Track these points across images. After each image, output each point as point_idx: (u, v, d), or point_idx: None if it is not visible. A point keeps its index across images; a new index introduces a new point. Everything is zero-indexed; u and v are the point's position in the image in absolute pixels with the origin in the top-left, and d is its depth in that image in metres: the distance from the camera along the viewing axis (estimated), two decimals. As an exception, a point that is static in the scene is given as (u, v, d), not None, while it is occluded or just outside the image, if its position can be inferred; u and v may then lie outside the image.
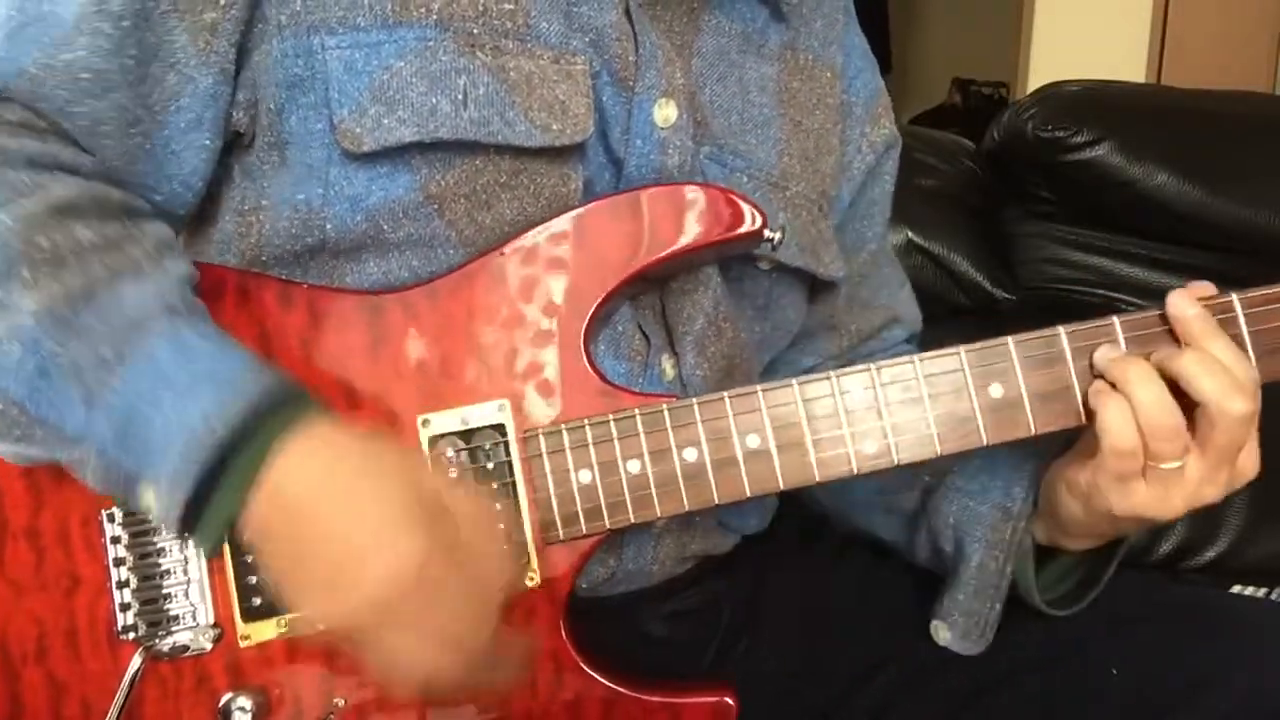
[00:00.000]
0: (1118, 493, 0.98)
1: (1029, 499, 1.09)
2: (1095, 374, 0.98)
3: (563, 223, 1.01)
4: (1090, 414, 0.97)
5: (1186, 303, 0.97)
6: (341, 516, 0.84)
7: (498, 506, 0.97)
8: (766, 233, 1.03)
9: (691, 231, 1.01)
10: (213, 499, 0.84)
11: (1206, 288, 0.99)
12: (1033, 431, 0.99)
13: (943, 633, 1.14)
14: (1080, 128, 1.96)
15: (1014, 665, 1.11)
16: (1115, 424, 0.95)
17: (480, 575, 0.87)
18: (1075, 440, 1.04)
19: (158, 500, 0.86)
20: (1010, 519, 1.10)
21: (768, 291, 1.16)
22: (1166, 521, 0.99)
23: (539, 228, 1.01)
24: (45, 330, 0.87)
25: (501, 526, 0.93)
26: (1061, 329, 0.98)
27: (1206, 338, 0.96)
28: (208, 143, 1.00)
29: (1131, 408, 0.95)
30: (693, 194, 1.02)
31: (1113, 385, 0.97)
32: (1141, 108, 2.10)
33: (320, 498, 0.84)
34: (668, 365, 1.08)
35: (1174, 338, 0.98)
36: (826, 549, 1.31)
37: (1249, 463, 0.98)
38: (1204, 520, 1.87)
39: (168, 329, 0.88)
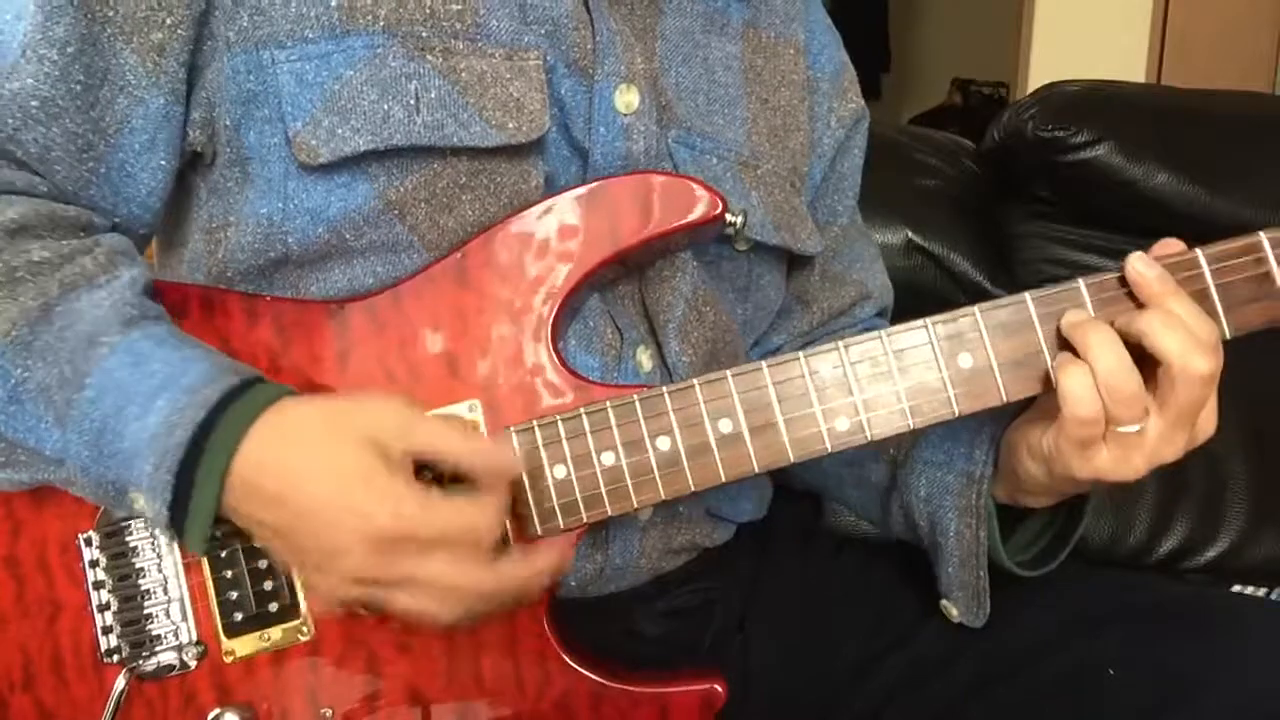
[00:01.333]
0: (1079, 457, 0.97)
1: (989, 461, 1.09)
2: (1061, 340, 0.98)
3: (522, 220, 1.01)
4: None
5: (1145, 264, 0.96)
6: (309, 493, 0.86)
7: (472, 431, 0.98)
8: (728, 217, 1.03)
9: (652, 221, 1.01)
10: (191, 500, 0.86)
11: (1172, 244, 0.98)
12: (1004, 400, 0.98)
13: (953, 610, 1.13)
14: (1080, 128, 1.96)
15: (1012, 663, 1.10)
16: (1076, 391, 0.94)
17: (470, 500, 0.89)
18: (1033, 401, 1.03)
19: (147, 507, 0.88)
20: (974, 483, 1.09)
21: (747, 272, 1.16)
22: (1129, 480, 0.98)
23: (498, 226, 1.01)
24: (8, 356, 0.88)
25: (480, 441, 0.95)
26: (1027, 295, 0.98)
27: (1167, 297, 0.95)
28: (163, 163, 1.01)
29: (1093, 374, 0.94)
30: (651, 183, 1.02)
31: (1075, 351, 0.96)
32: (1141, 108, 2.09)
33: (286, 477, 0.86)
34: (643, 357, 1.08)
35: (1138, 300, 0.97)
36: (823, 545, 1.31)
37: (1208, 422, 0.97)
38: (1204, 520, 1.87)
39: (122, 342, 0.89)
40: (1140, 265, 0.96)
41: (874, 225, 1.75)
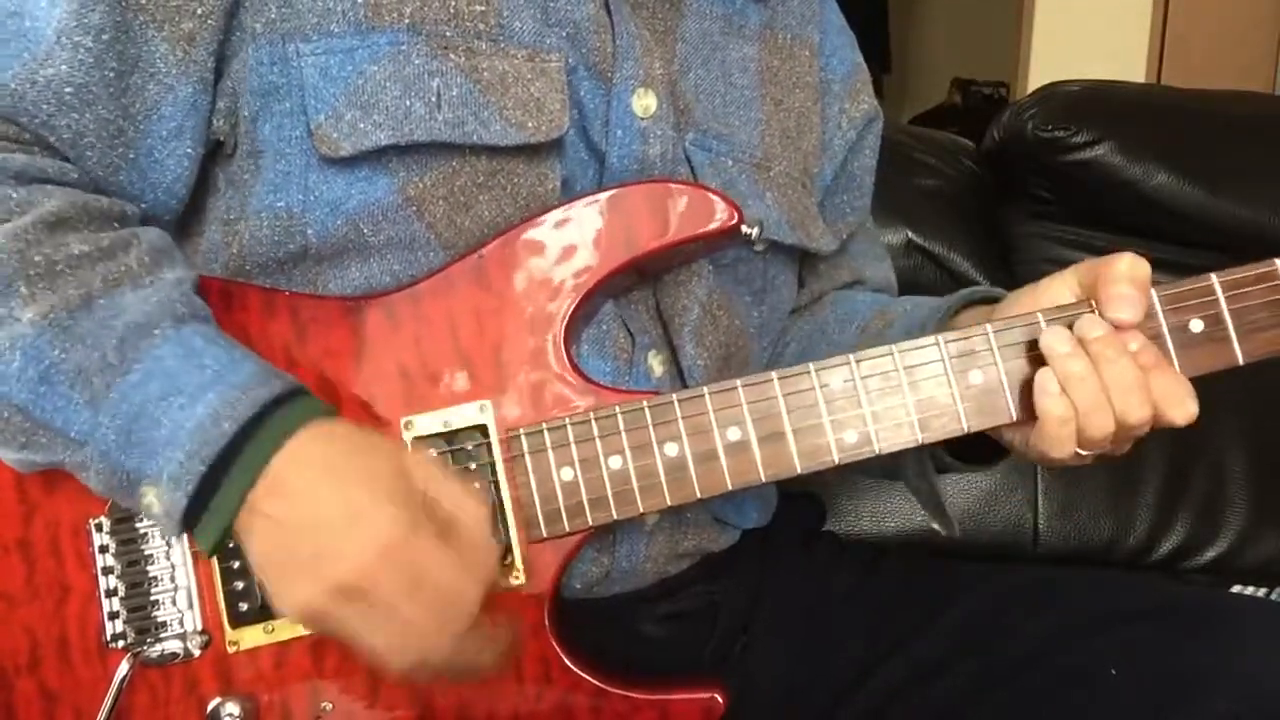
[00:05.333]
0: (1044, 458, 0.99)
1: None
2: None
3: (540, 224, 1.02)
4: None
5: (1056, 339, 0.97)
6: (330, 499, 0.86)
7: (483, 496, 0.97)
8: (744, 229, 1.04)
9: (669, 230, 1.02)
10: (216, 495, 0.87)
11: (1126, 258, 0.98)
12: (1013, 418, 0.99)
13: (935, 526, 1.15)
14: (1080, 128, 1.96)
15: (1013, 665, 1.10)
16: (1056, 432, 0.96)
17: (466, 558, 0.87)
18: None
19: (159, 499, 0.88)
20: None
21: (763, 273, 1.17)
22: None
23: (516, 229, 1.01)
24: (46, 339, 0.89)
25: (486, 510, 0.93)
26: (1039, 313, 0.98)
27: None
28: (190, 151, 1.02)
29: (1074, 411, 0.96)
30: (670, 192, 1.02)
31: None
32: (1141, 108, 2.09)
33: (314, 485, 0.86)
34: (655, 362, 1.09)
35: (1153, 319, 0.98)
36: (826, 548, 1.31)
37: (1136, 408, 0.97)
38: (1204, 520, 1.88)
39: (173, 334, 0.90)
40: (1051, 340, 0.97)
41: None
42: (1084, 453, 0.98)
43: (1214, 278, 0.98)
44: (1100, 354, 0.95)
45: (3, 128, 0.97)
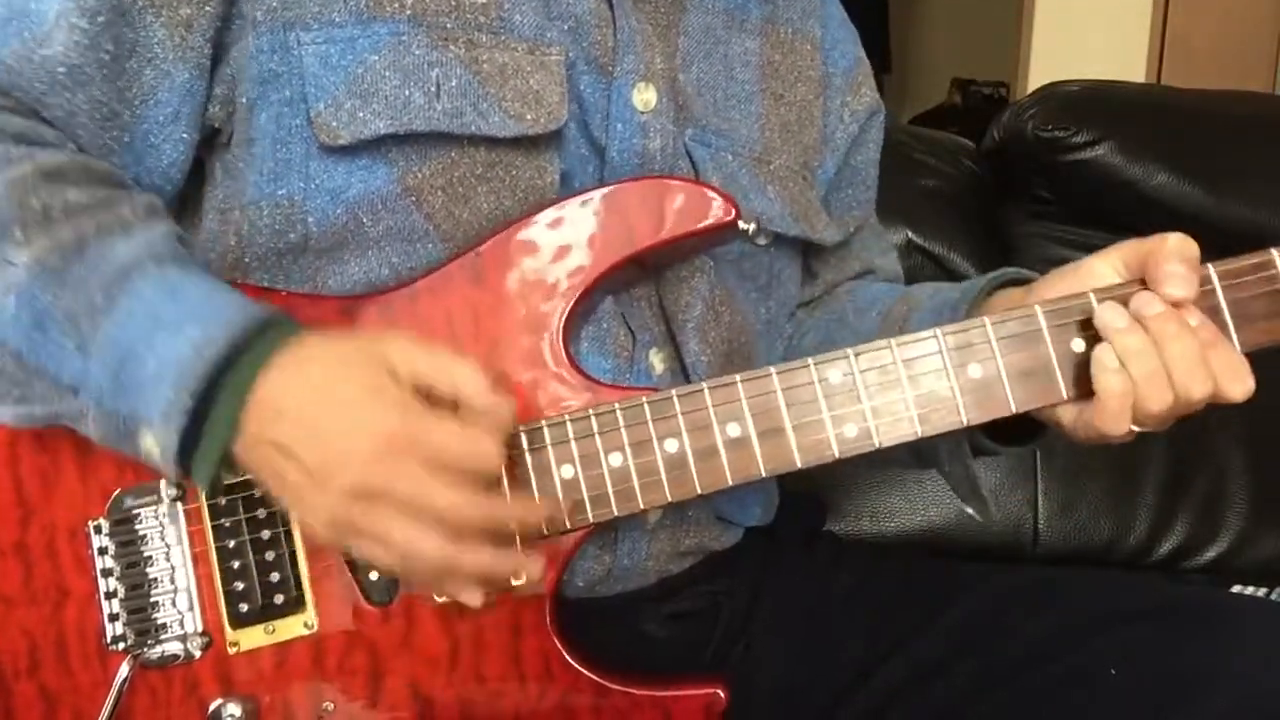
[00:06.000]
0: (1101, 436, 0.99)
1: None
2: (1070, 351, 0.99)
3: (539, 220, 1.02)
4: (1078, 387, 0.98)
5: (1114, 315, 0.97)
6: (321, 410, 0.87)
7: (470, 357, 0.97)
8: (741, 224, 1.04)
9: (667, 226, 1.02)
10: (207, 423, 0.88)
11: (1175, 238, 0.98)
12: (1013, 410, 0.99)
13: (970, 511, 1.16)
14: (1080, 128, 1.96)
15: (1013, 664, 1.10)
16: (1114, 407, 0.96)
17: (472, 420, 0.89)
18: None
19: (156, 440, 0.89)
20: None
21: (769, 268, 1.18)
22: None
23: (515, 225, 1.01)
24: (39, 282, 0.91)
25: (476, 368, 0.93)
26: (1037, 306, 0.98)
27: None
28: (185, 136, 1.03)
29: (1132, 385, 0.95)
30: (667, 188, 1.03)
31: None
32: (1141, 108, 2.10)
33: (303, 401, 0.88)
34: (656, 359, 1.09)
35: None
36: (827, 549, 1.31)
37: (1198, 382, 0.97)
38: (1204, 520, 1.88)
39: (155, 273, 0.92)
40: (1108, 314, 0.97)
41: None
42: (1136, 429, 0.98)
43: (1211, 268, 0.98)
44: (1161, 330, 0.95)
45: (2, 99, 0.99)
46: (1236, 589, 1.83)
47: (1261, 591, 1.82)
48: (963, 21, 5.68)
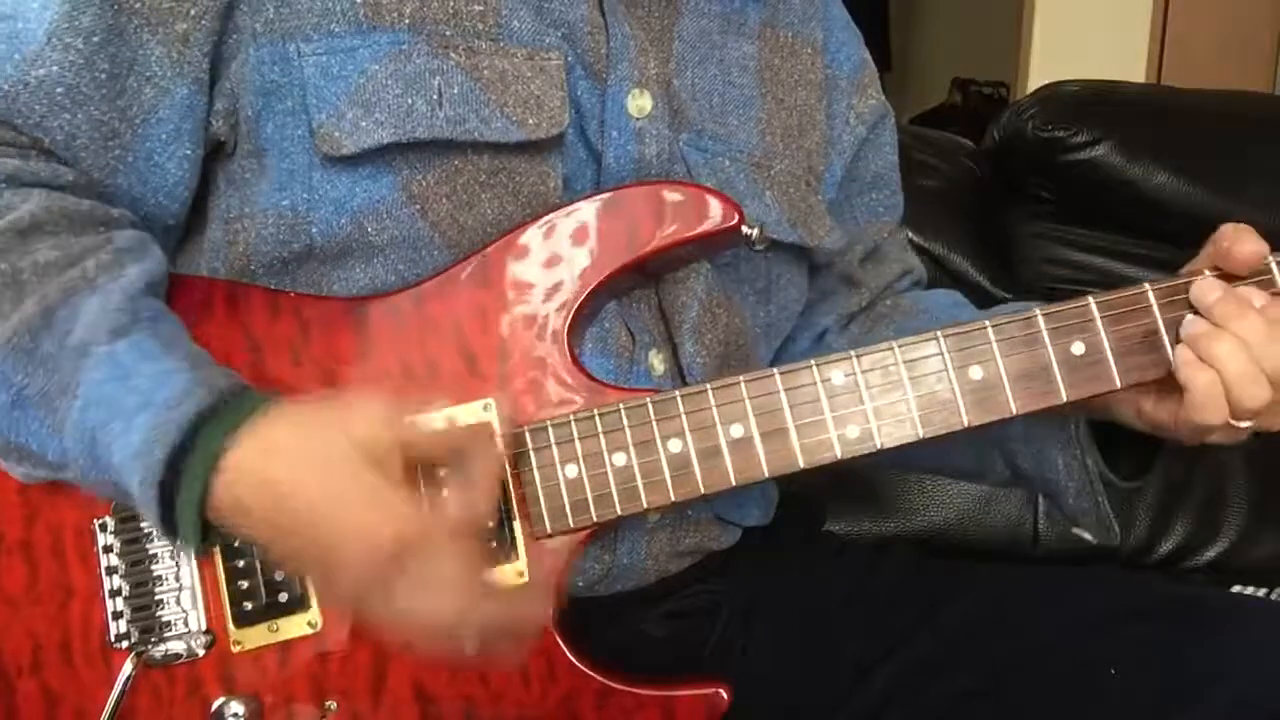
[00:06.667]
0: (1193, 437, 1.00)
1: None
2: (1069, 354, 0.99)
3: (543, 224, 1.02)
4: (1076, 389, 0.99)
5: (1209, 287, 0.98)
6: (301, 506, 0.85)
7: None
8: (744, 229, 1.04)
9: (670, 230, 1.02)
10: (176, 513, 0.86)
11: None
12: (1013, 412, 1.00)
13: (1085, 535, 1.15)
14: (1080, 128, 1.96)
15: (1013, 664, 1.11)
16: (1208, 401, 0.96)
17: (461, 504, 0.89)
18: None
19: (145, 512, 0.88)
20: (1068, 418, 1.10)
21: (766, 273, 1.17)
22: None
23: (520, 229, 1.02)
24: (9, 363, 0.90)
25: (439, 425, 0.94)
26: (1038, 311, 0.99)
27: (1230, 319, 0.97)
28: (189, 153, 1.02)
29: (1222, 381, 0.96)
30: (672, 193, 1.03)
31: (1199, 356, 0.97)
32: (1141, 108, 2.10)
33: (273, 491, 0.85)
34: (655, 361, 1.09)
35: (1148, 314, 0.99)
36: (826, 547, 1.32)
37: None
38: (1204, 520, 1.88)
39: (107, 354, 0.89)
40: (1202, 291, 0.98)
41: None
42: (1241, 424, 0.98)
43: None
44: (1224, 314, 0.97)
45: (1, 132, 0.98)
46: (1236, 589, 1.84)
47: (1261, 591, 1.83)
48: (963, 21, 5.67)
